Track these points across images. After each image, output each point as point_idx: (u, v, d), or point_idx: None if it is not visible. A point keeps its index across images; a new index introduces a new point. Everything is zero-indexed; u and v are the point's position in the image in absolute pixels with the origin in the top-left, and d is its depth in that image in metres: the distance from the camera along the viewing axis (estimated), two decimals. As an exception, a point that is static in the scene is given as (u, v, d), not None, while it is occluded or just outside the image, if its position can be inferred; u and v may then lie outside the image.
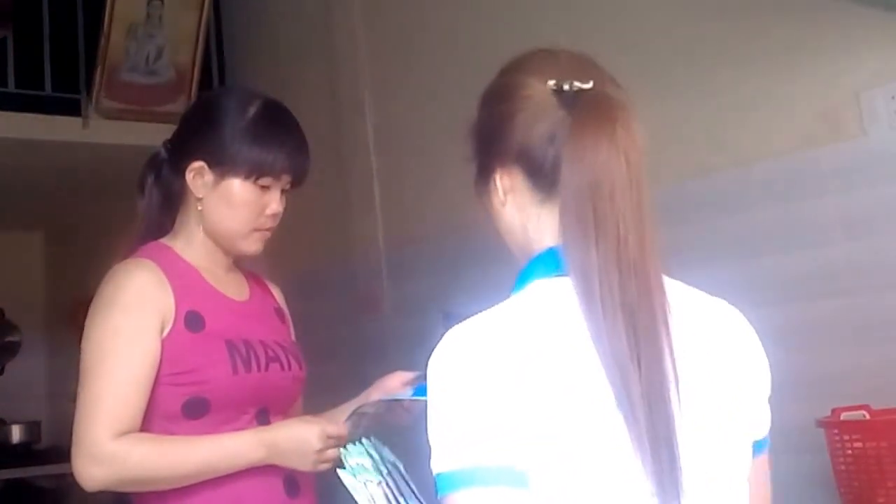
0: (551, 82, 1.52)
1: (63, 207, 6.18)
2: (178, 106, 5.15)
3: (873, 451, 2.53)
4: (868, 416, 2.64)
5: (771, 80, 3.16)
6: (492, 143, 1.59)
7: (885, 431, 2.56)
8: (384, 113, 4.06)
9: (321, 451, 2.24)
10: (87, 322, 2.28)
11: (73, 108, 4.87)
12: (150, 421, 2.25)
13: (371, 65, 4.74)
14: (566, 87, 1.51)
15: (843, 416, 2.65)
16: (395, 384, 2.37)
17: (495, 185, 1.59)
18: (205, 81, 5.30)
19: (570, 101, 1.50)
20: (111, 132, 4.79)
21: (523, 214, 1.58)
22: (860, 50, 3.04)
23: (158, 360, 2.25)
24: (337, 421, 2.30)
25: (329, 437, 2.24)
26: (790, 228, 3.07)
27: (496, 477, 1.33)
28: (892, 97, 2.98)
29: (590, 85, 1.51)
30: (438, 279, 4.39)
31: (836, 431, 2.59)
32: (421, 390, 2.28)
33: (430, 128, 4.44)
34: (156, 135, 4.89)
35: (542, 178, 1.53)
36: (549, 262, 1.50)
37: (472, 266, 4.22)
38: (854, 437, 2.55)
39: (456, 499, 1.35)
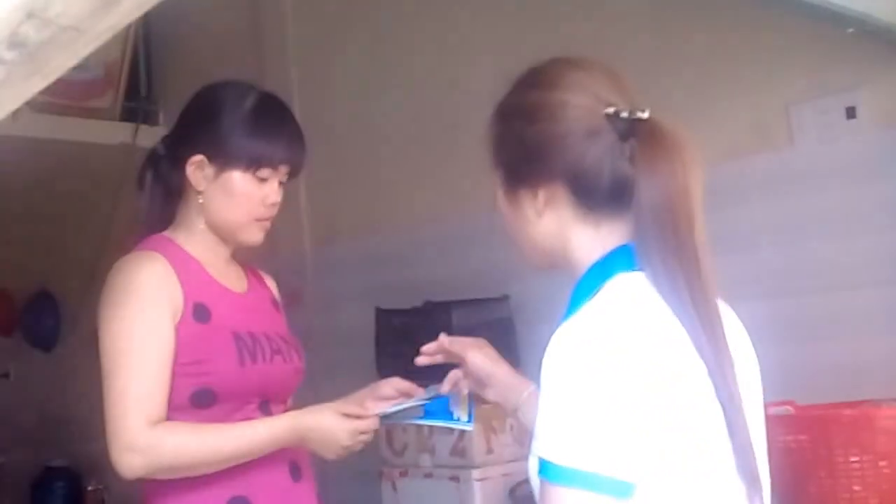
0: (609, 109, 1.55)
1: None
2: (106, 101, 5.08)
3: (798, 445, 2.61)
4: (793, 411, 2.72)
5: (704, 91, 3.21)
6: (535, 160, 1.61)
7: (809, 426, 2.64)
8: (311, 111, 4.06)
9: (347, 447, 2.27)
10: (103, 315, 2.26)
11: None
12: None
13: (299, 63, 4.72)
14: (624, 114, 1.55)
15: (771, 411, 2.72)
16: (388, 391, 2.38)
17: (535, 197, 1.63)
18: (132, 78, 5.23)
19: (628, 128, 1.55)
20: (41, 125, 4.70)
21: (563, 226, 1.62)
22: (791, 65, 3.13)
23: (174, 348, 2.24)
24: (368, 419, 2.30)
25: (360, 433, 2.27)
26: (717, 234, 3.13)
27: (602, 485, 1.39)
28: (821, 112, 3.08)
29: (647, 115, 1.55)
30: (362, 276, 4.41)
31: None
32: (430, 411, 2.32)
33: (358, 126, 4.46)
34: (88, 129, 4.94)
35: (590, 197, 1.59)
36: (624, 259, 1.56)
37: (395, 262, 4.26)
38: (780, 431, 2.62)
39: (560, 492, 1.41)
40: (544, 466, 1.43)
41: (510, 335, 3.81)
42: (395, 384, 2.39)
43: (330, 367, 3.72)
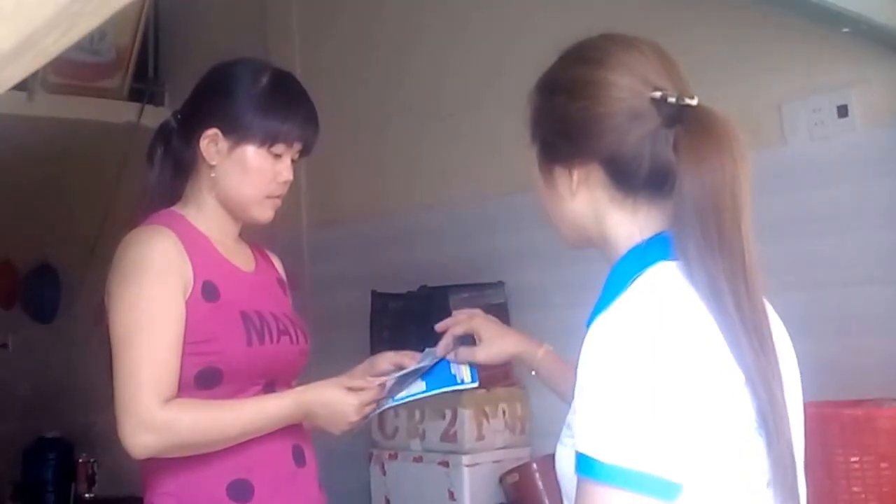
0: (655, 93, 1.45)
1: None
2: (115, 82, 5.06)
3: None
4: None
5: (696, 88, 3.16)
6: (575, 138, 1.52)
7: (808, 424, 2.51)
8: (314, 95, 4.04)
9: (354, 422, 2.22)
10: (113, 290, 2.19)
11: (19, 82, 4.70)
12: None
13: (302, 51, 4.68)
14: (671, 99, 1.45)
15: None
16: (384, 365, 2.33)
17: (570, 176, 1.54)
18: (141, 61, 5.21)
19: (675, 114, 1.45)
20: (54, 106, 4.71)
21: (598, 208, 1.53)
22: (784, 63, 3.09)
23: (185, 324, 2.18)
24: (371, 389, 2.25)
25: (365, 405, 2.22)
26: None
27: (650, 485, 1.29)
28: (813, 110, 3.04)
29: (696, 101, 1.45)
30: (359, 260, 4.39)
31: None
32: (432, 381, 2.27)
33: (358, 111, 4.43)
34: (95, 109, 4.93)
35: (627, 182, 1.50)
36: (664, 247, 1.46)
37: (391, 247, 4.23)
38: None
39: (604, 492, 1.30)
40: (586, 463, 1.32)
41: (505, 320, 3.75)
42: (389, 358, 2.35)
43: (324, 350, 3.67)
